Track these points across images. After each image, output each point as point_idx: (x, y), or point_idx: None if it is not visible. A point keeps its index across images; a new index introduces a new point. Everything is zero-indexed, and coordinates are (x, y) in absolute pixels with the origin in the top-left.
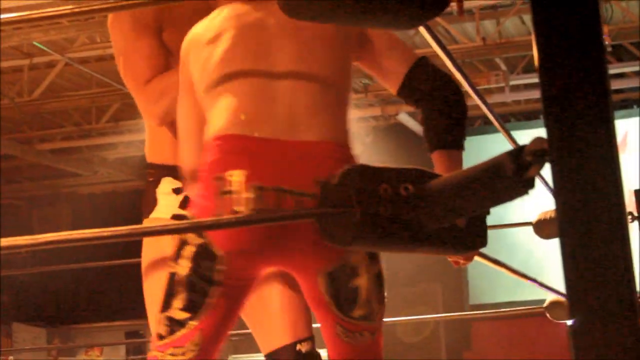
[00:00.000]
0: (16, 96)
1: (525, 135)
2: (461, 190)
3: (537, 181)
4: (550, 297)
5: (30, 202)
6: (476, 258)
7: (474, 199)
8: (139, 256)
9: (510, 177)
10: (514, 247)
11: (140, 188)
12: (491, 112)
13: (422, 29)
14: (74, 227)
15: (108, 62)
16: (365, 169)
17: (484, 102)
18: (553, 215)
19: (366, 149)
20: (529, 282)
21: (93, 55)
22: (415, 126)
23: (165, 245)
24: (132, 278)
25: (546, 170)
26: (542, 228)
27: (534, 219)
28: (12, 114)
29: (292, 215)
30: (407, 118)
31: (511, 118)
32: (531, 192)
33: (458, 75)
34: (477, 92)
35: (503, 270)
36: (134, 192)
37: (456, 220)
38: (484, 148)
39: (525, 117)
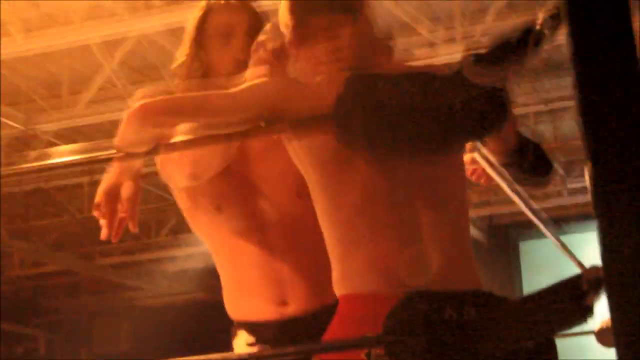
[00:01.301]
0: (77, 212)
1: (585, 240)
2: (521, 317)
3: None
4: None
5: (91, 316)
6: None
7: (533, 326)
8: None
9: (569, 306)
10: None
11: (199, 299)
12: (539, 219)
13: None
14: (134, 340)
15: None
16: (430, 294)
17: (531, 210)
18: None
19: None
20: None
21: (152, 170)
22: (474, 232)
23: None
24: None
25: None
26: (605, 336)
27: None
28: (73, 229)
29: (358, 341)
30: None
31: (572, 221)
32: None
33: (503, 185)
34: (524, 200)
35: None
36: (193, 304)
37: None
38: (545, 251)
39: (586, 219)
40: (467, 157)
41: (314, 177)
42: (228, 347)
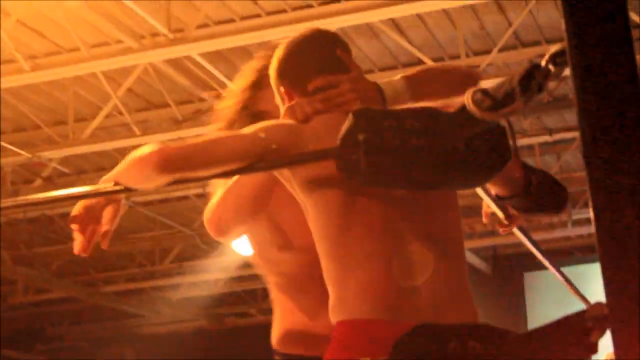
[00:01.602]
0: None
1: (591, 270)
2: (525, 353)
3: None
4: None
5: (94, 344)
6: None
7: None
8: None
9: (572, 343)
10: None
11: (202, 327)
12: (540, 250)
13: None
14: None
15: (171, 203)
16: (435, 327)
17: (531, 242)
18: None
19: None
20: None
21: (156, 198)
22: (478, 262)
23: None
24: None
25: None
26: None
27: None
28: (77, 257)
29: None
30: (469, 255)
31: (576, 252)
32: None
33: (501, 216)
34: (524, 232)
35: None
36: (197, 332)
37: None
38: (549, 282)
39: (590, 251)
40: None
41: (309, 206)
42: None
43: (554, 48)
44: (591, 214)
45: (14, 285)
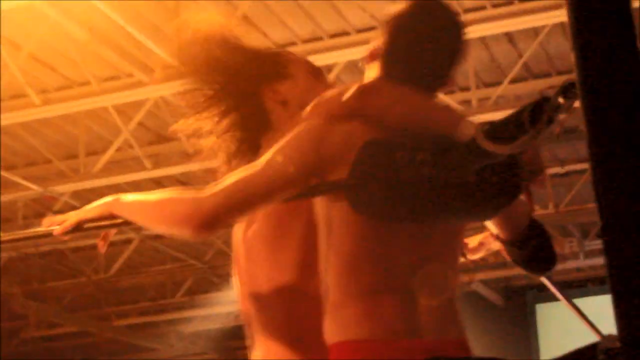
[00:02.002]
0: (93, 274)
1: (603, 302)
2: None
3: None
4: None
5: None
6: None
7: None
8: None
9: None
10: None
11: None
12: (553, 284)
13: None
14: None
15: None
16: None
17: (549, 279)
18: None
19: None
20: None
21: None
22: (490, 294)
23: None
24: None
25: None
26: None
27: None
28: (89, 291)
29: None
30: (482, 286)
31: (588, 283)
32: None
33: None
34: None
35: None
36: None
37: None
38: (561, 314)
39: (602, 282)
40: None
41: (332, 221)
42: None
43: (564, 80)
44: (602, 244)
45: (26, 320)
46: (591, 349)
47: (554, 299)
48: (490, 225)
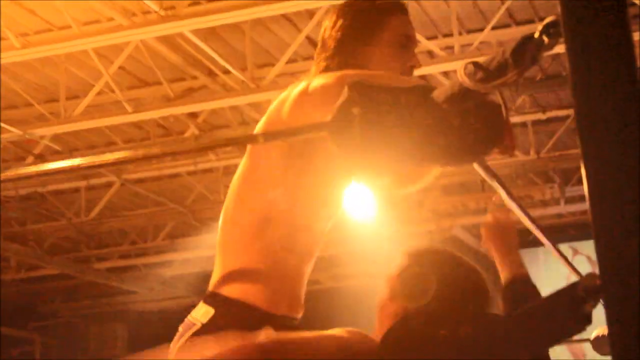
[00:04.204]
0: (74, 216)
1: (583, 247)
2: (517, 332)
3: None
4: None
5: (87, 320)
6: None
7: (530, 339)
8: None
9: (566, 316)
10: None
11: (195, 304)
12: (538, 227)
13: None
14: (130, 344)
15: (164, 181)
16: (426, 313)
17: (529, 218)
18: None
19: None
20: None
21: (149, 176)
22: (470, 239)
23: None
24: None
25: None
26: (601, 344)
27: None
28: (70, 233)
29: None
30: (462, 232)
31: (568, 229)
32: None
33: (502, 192)
34: (522, 207)
35: None
36: (189, 309)
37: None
38: (541, 259)
39: (583, 228)
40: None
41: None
42: None
43: (548, 19)
44: (585, 191)
45: (7, 263)
46: (572, 287)
47: (533, 245)
48: None
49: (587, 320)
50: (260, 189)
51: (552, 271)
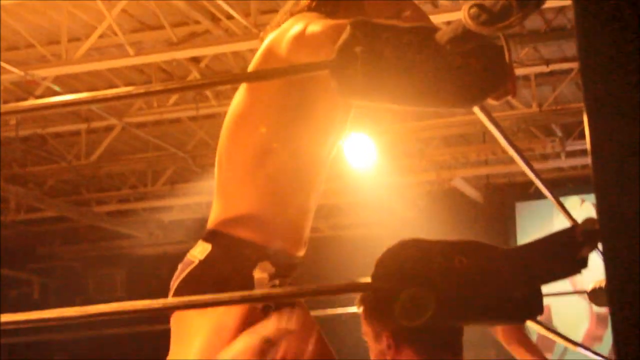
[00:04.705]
0: (74, 159)
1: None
2: (513, 267)
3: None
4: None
5: (86, 263)
6: (533, 326)
7: (525, 275)
8: None
9: (563, 257)
10: None
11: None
12: (540, 179)
13: None
14: (129, 288)
15: (165, 126)
16: (419, 243)
17: (532, 170)
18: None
19: (421, 213)
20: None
21: (150, 120)
22: (470, 191)
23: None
24: None
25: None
26: (598, 296)
27: (589, 287)
28: (70, 176)
29: (347, 288)
30: (462, 183)
31: (568, 183)
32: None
33: (509, 148)
34: (525, 160)
35: (558, 340)
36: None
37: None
38: (540, 212)
39: (583, 182)
40: None
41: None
42: None
43: None
44: (588, 144)
45: (7, 204)
46: (570, 229)
47: (533, 197)
48: None
49: (583, 263)
50: (256, 123)
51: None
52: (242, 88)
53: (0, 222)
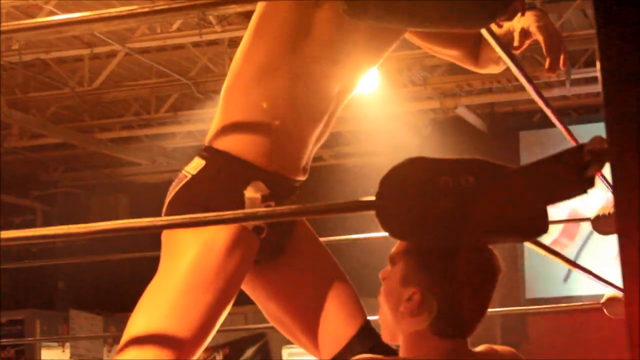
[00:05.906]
0: (77, 85)
1: (587, 130)
2: (520, 185)
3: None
4: (609, 292)
5: (89, 191)
6: (533, 247)
7: (532, 193)
8: None
9: (569, 176)
10: None
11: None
12: (549, 107)
13: None
14: (132, 216)
15: (168, 52)
16: (425, 161)
17: (542, 98)
18: (612, 211)
19: (424, 141)
20: (586, 276)
21: (153, 46)
22: (474, 119)
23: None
24: None
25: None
26: (601, 224)
27: (592, 214)
28: (72, 102)
29: (349, 207)
30: (466, 111)
31: (572, 112)
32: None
33: (516, 71)
34: (535, 88)
35: (558, 260)
36: None
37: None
38: (544, 141)
39: (586, 111)
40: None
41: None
42: None
43: None
44: (598, 70)
45: (9, 130)
46: (578, 148)
47: (537, 126)
48: None
49: (590, 183)
50: (266, 40)
51: None
52: (259, 5)
53: (4, 149)
